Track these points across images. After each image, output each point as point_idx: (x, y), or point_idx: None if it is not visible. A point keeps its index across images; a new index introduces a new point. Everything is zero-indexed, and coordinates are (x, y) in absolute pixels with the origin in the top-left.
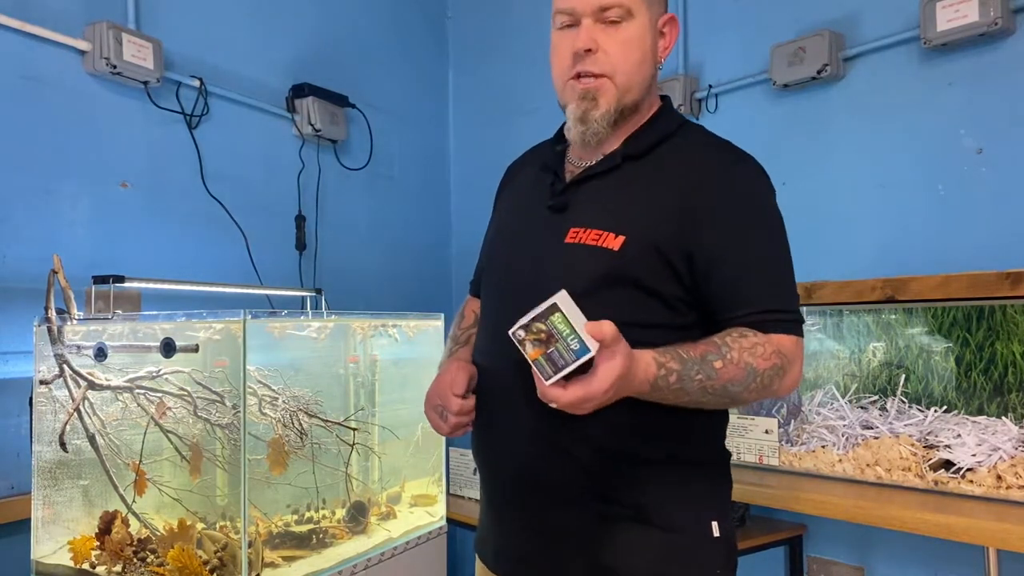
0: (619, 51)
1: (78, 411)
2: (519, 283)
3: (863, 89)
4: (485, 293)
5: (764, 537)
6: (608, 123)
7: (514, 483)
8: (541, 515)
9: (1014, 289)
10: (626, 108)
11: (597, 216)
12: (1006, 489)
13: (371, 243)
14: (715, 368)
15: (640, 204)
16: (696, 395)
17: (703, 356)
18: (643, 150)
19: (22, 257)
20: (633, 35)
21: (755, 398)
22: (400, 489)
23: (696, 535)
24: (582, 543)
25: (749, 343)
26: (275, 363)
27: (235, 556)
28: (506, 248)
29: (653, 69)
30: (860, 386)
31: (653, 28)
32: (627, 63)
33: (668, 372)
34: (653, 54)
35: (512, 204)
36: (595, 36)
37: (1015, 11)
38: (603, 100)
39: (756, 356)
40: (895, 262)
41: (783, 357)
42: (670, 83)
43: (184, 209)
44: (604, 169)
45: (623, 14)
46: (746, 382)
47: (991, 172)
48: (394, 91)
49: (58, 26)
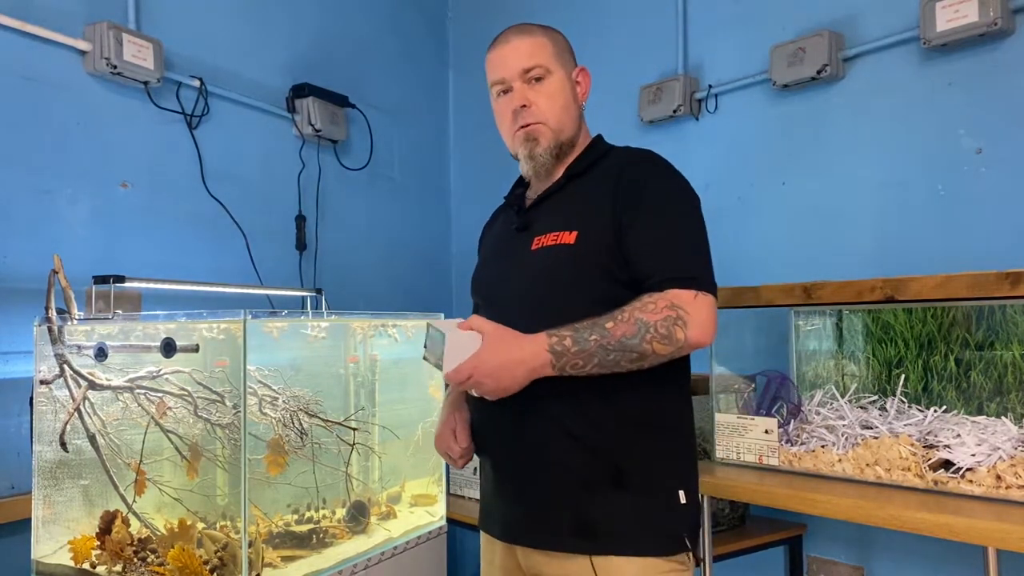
0: (546, 102)
1: (78, 411)
2: (503, 293)
3: (863, 89)
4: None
5: (764, 537)
6: (551, 155)
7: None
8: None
9: (1014, 289)
10: (563, 143)
11: (552, 223)
12: (1006, 489)
13: (371, 243)
14: (607, 328)
15: (583, 205)
16: (600, 354)
17: (595, 322)
18: (582, 169)
19: (22, 257)
20: (554, 87)
21: (663, 349)
22: (400, 489)
23: (664, 498)
24: (566, 504)
25: (641, 303)
26: (275, 363)
27: (235, 556)
28: (489, 272)
29: (578, 110)
30: (860, 386)
31: (570, 79)
32: (555, 108)
33: (561, 337)
34: (575, 98)
35: (491, 243)
36: (526, 94)
37: (1015, 11)
38: (543, 139)
39: (646, 311)
40: (895, 262)
41: (677, 308)
42: (670, 83)
43: (184, 209)
44: (554, 190)
45: (543, 72)
46: (640, 333)
47: (991, 172)
48: (394, 91)
49: (58, 26)
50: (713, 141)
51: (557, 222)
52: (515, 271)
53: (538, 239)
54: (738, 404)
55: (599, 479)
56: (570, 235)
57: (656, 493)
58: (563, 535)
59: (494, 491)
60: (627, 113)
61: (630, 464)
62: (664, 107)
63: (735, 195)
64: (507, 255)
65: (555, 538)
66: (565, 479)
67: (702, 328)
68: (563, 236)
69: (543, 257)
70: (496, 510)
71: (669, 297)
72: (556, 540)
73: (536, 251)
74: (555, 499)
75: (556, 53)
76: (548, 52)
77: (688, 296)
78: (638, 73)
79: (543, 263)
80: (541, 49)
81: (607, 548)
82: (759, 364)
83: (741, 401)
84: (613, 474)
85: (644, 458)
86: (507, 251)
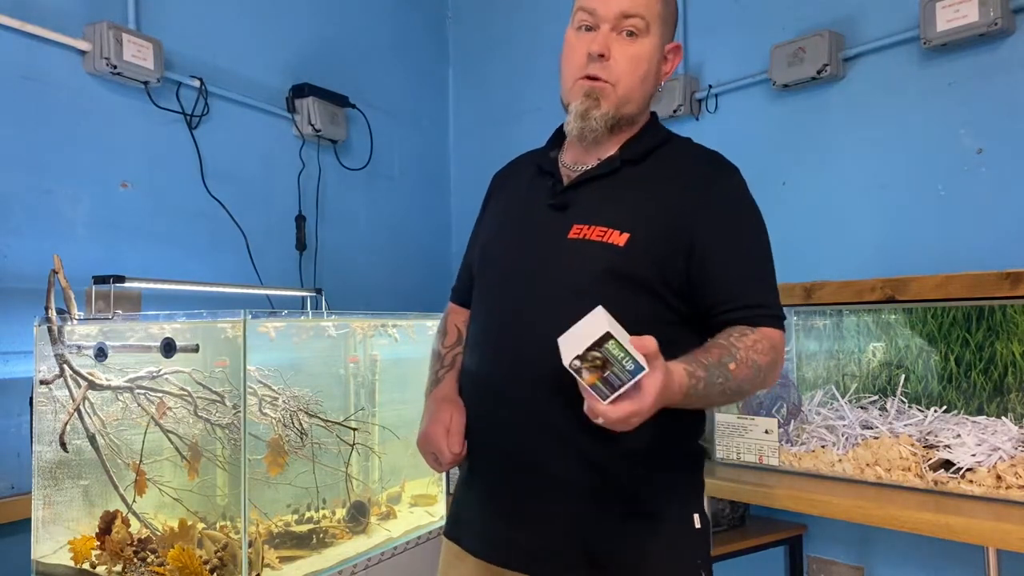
0: (628, 63)
1: (78, 411)
2: (522, 278)
3: (863, 89)
4: (482, 294)
5: (764, 537)
6: (606, 124)
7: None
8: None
9: (1014, 289)
10: (623, 117)
11: (600, 214)
12: (1006, 489)
13: (371, 243)
14: (730, 370)
15: (643, 204)
16: (715, 398)
17: (720, 360)
18: (639, 156)
19: (22, 257)
20: (643, 51)
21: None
22: (400, 489)
23: (680, 527)
24: (577, 533)
25: (751, 341)
26: (275, 363)
27: (235, 556)
28: (505, 249)
29: (654, 88)
30: (860, 386)
31: (660, 51)
32: (633, 76)
33: (697, 381)
34: (657, 74)
35: (507, 208)
36: (610, 43)
37: (1015, 11)
38: (605, 103)
39: (758, 352)
40: (895, 262)
41: (775, 351)
42: (670, 83)
43: (184, 209)
44: (604, 172)
45: (641, 27)
46: (753, 379)
47: (991, 172)
48: (394, 91)
49: (58, 26)
50: (713, 141)
51: (606, 215)
52: (543, 256)
53: (578, 228)
54: (738, 404)
55: (610, 503)
56: (620, 236)
57: (672, 519)
58: (573, 567)
59: (480, 504)
60: None
61: (643, 487)
62: (664, 107)
63: None
64: (534, 233)
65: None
66: (573, 502)
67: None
68: (611, 234)
69: (582, 253)
70: (479, 525)
71: (769, 337)
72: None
73: (574, 241)
74: (562, 525)
75: (662, 15)
76: (655, 9)
77: (780, 338)
78: None
79: (580, 261)
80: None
81: None
82: None
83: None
84: (625, 499)
85: (658, 481)
86: (534, 228)
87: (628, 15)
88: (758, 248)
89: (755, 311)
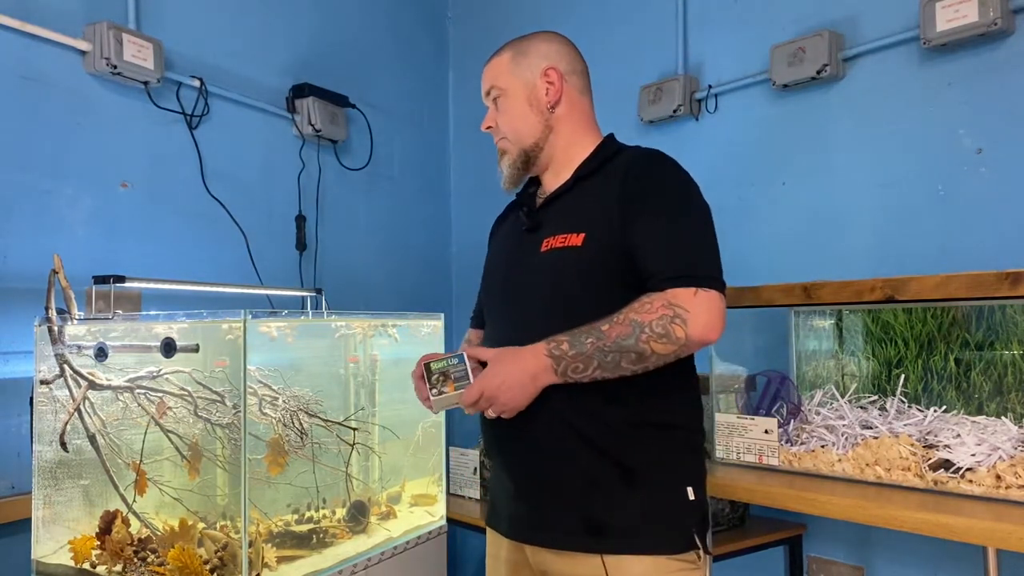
0: (504, 119)
1: (78, 411)
2: (512, 295)
3: (863, 89)
4: (489, 318)
5: (764, 537)
6: (517, 167)
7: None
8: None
9: (1014, 289)
10: (529, 151)
11: (561, 224)
12: (1006, 489)
13: (371, 243)
14: (602, 331)
15: (591, 207)
16: (599, 357)
17: (592, 326)
18: (590, 172)
19: (22, 257)
20: (508, 105)
21: (663, 348)
22: (400, 489)
23: (673, 496)
24: (577, 503)
25: (638, 303)
26: (275, 363)
27: (235, 556)
28: (499, 272)
29: (541, 116)
30: (860, 386)
31: (528, 89)
32: (511, 125)
33: (559, 343)
34: (537, 104)
35: (500, 242)
36: (492, 116)
37: (1015, 11)
38: (508, 154)
39: (641, 312)
40: (895, 262)
41: (675, 307)
42: (670, 83)
43: (184, 209)
44: (562, 191)
45: (498, 93)
46: (635, 334)
47: (991, 172)
48: (394, 91)
49: (58, 26)
50: (713, 141)
51: (565, 224)
52: (524, 273)
53: (547, 240)
54: (738, 404)
55: (608, 478)
56: (577, 237)
57: (665, 490)
58: (573, 534)
59: (501, 489)
60: (627, 113)
61: (638, 462)
62: (664, 107)
63: (735, 195)
64: (516, 256)
65: (565, 537)
66: (573, 478)
67: (705, 325)
68: (571, 238)
69: (551, 259)
70: (503, 508)
71: (667, 296)
72: (566, 539)
73: (545, 253)
74: (564, 498)
75: (512, 68)
76: (504, 69)
77: (687, 294)
78: (638, 73)
79: (551, 265)
80: (498, 69)
81: (618, 547)
82: (759, 364)
83: (741, 401)
84: (621, 472)
85: (652, 456)
86: (516, 252)
87: (487, 92)
88: (672, 219)
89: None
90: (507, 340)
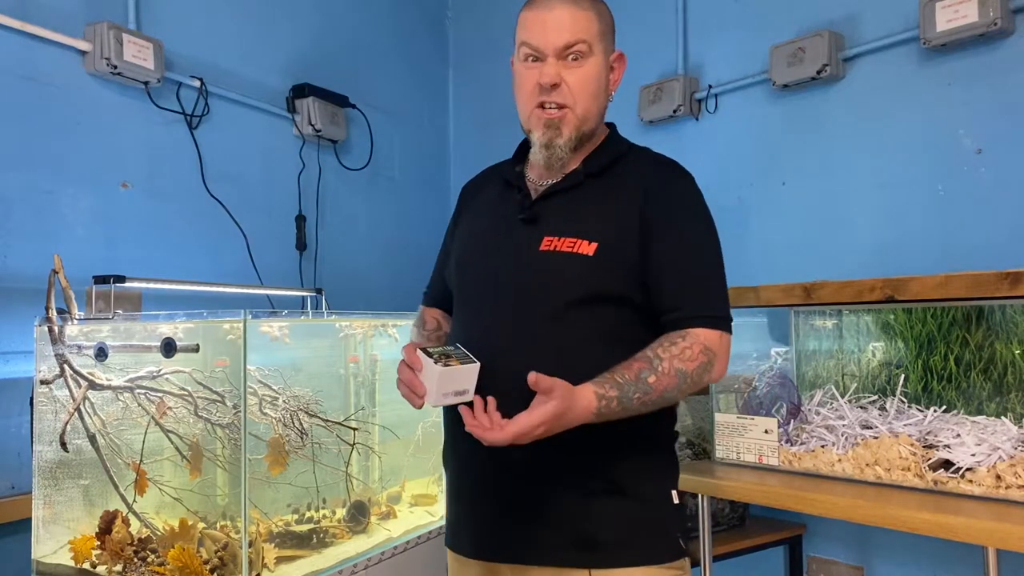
0: (579, 86)
1: (79, 411)
2: (496, 289)
3: (863, 89)
4: (462, 304)
5: (764, 537)
6: (570, 149)
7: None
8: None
9: (1014, 289)
10: (584, 135)
11: (569, 226)
12: (1005, 489)
13: (371, 243)
14: (650, 384)
15: (607, 215)
16: (637, 409)
17: (638, 375)
18: (601, 168)
19: (23, 257)
20: (591, 72)
21: (689, 393)
22: (400, 489)
23: (661, 503)
24: (563, 517)
25: (678, 349)
26: (275, 363)
27: (235, 555)
28: (482, 259)
29: (606, 101)
30: (860, 386)
31: (606, 65)
32: (586, 95)
33: (608, 400)
34: (606, 87)
35: (480, 218)
36: (560, 72)
37: (1015, 11)
38: (566, 129)
39: (685, 360)
40: (895, 262)
41: (709, 352)
42: (670, 83)
43: (184, 209)
44: (569, 185)
45: (584, 51)
46: (679, 386)
47: (991, 172)
48: (394, 91)
49: (58, 26)
50: (713, 141)
51: (574, 227)
52: (517, 268)
53: (548, 239)
54: (738, 404)
55: (593, 490)
56: (589, 246)
57: (652, 500)
58: (561, 549)
59: (469, 507)
60: (627, 113)
61: (623, 472)
62: (664, 107)
63: (735, 195)
64: (507, 246)
65: (553, 552)
66: (558, 492)
67: (723, 370)
68: (580, 245)
69: (555, 264)
70: (473, 526)
71: (701, 340)
72: (554, 555)
73: (546, 253)
74: (550, 512)
75: (602, 31)
76: (594, 29)
77: (715, 337)
78: (638, 73)
79: (553, 269)
80: (587, 24)
81: (607, 560)
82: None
83: (741, 401)
84: (606, 484)
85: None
86: (506, 241)
87: (569, 45)
88: (701, 252)
89: (694, 315)
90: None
